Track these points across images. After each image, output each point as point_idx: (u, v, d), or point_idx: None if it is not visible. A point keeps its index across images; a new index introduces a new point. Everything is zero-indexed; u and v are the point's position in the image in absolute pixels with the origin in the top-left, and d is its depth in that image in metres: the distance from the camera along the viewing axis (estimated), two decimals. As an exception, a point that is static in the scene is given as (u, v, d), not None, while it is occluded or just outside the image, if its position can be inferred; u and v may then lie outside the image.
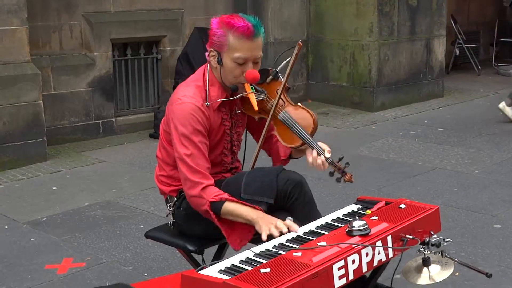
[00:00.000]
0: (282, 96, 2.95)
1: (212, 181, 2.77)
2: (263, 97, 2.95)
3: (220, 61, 2.81)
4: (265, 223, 2.58)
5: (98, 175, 5.96)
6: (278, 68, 3.02)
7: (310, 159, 2.86)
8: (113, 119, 7.43)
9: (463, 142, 6.94)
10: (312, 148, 2.85)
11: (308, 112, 2.95)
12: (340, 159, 2.87)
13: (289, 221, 2.56)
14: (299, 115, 2.93)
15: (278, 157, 3.11)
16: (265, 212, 2.72)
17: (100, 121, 7.33)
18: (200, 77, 2.89)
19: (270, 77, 3.00)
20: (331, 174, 2.88)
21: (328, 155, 2.84)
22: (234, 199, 2.72)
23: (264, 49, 9.74)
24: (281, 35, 8.75)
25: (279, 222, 2.55)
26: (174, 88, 6.67)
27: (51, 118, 6.84)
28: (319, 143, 2.88)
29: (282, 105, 2.95)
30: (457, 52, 11.52)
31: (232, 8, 8.13)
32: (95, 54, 7.20)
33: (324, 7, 8.92)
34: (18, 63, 6.14)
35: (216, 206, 2.71)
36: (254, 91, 2.87)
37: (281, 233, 2.51)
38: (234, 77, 2.82)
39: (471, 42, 11.65)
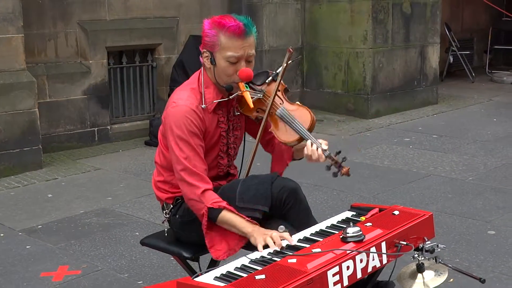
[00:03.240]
0: (280, 95, 2.97)
1: (210, 185, 2.79)
2: (259, 95, 2.96)
3: (213, 61, 2.83)
4: (261, 235, 2.59)
5: (94, 183, 5.96)
6: (278, 70, 3.04)
7: (306, 151, 2.85)
8: (109, 127, 7.44)
9: (457, 148, 6.97)
10: (310, 142, 2.86)
11: (306, 108, 2.98)
12: (337, 153, 2.87)
13: (284, 233, 2.56)
14: (296, 111, 2.95)
15: (281, 159, 3.10)
16: (260, 219, 2.74)
17: (96, 129, 7.34)
18: (195, 81, 2.91)
19: (270, 78, 3.03)
20: (328, 168, 2.87)
21: (325, 147, 2.85)
22: (232, 208, 2.73)
23: (259, 57, 9.73)
24: (276, 42, 8.78)
25: (274, 233, 2.56)
26: (169, 95, 6.68)
27: (47, 126, 6.84)
28: (318, 139, 2.89)
29: (280, 103, 2.97)
30: (451, 59, 11.56)
31: (227, 16, 8.14)
32: (90, 62, 7.21)
33: (318, 15, 8.96)
34: (14, 71, 6.15)
35: (214, 213, 2.72)
36: (248, 89, 2.88)
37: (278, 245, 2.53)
38: (228, 76, 2.83)
39: (465, 49, 11.70)
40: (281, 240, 2.51)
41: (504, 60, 12.56)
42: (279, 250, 2.45)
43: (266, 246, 2.52)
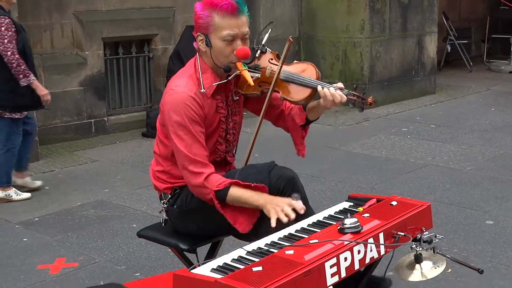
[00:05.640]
0: (275, 62, 2.94)
1: (213, 169, 2.77)
2: (258, 75, 2.93)
3: (208, 43, 2.80)
4: (273, 206, 2.61)
5: (91, 175, 5.94)
6: (263, 42, 3.02)
7: (326, 97, 2.79)
8: (105, 118, 7.42)
9: (455, 138, 6.96)
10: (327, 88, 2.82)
11: (305, 62, 2.97)
12: (355, 89, 2.86)
13: (293, 201, 2.60)
14: (298, 69, 2.93)
15: (296, 126, 3.05)
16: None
17: (92, 120, 7.32)
18: (191, 67, 2.88)
19: (258, 51, 3.00)
20: (353, 105, 2.86)
21: (342, 86, 2.84)
22: (238, 181, 2.72)
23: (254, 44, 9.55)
24: (273, 32, 8.66)
25: (286, 207, 2.59)
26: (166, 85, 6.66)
27: (43, 118, 6.82)
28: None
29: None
30: (449, 48, 11.55)
31: (223, 6, 8.11)
32: (86, 53, 7.18)
33: (315, 5, 8.92)
34: (9, 63, 6.11)
35: (221, 194, 2.72)
36: (246, 68, 2.85)
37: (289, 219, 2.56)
38: (225, 57, 2.80)
39: (462, 38, 11.68)
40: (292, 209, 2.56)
41: (502, 49, 12.52)
42: (276, 241, 2.44)
43: (279, 222, 2.56)
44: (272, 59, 2.96)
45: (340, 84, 2.85)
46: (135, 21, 7.55)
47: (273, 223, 2.56)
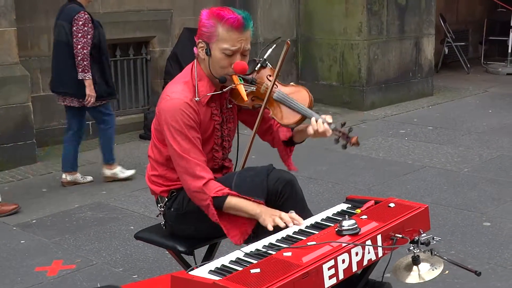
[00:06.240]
0: (272, 80, 2.94)
1: (211, 175, 2.78)
2: (253, 88, 2.94)
3: (208, 52, 2.81)
4: (269, 215, 2.62)
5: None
6: (265, 56, 3.02)
7: (311, 129, 2.82)
8: (103, 120, 7.39)
9: (452, 140, 6.97)
10: (315, 118, 2.83)
11: (301, 87, 2.97)
12: (343, 125, 2.85)
13: (293, 213, 2.61)
14: (293, 92, 2.94)
15: (280, 142, 3.08)
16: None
17: (90, 123, 7.28)
18: (188, 74, 2.89)
19: (259, 65, 3.00)
20: (337, 141, 2.85)
21: (330, 120, 2.83)
22: (236, 193, 2.73)
23: (254, 49, 9.64)
24: (271, 34, 8.75)
25: (283, 214, 2.60)
26: (163, 88, 6.67)
27: (41, 120, 6.81)
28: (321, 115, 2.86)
29: (275, 87, 2.95)
30: (446, 50, 11.57)
31: (221, 8, 8.11)
32: (84, 55, 7.15)
33: (313, 7, 8.93)
34: (7, 64, 6.12)
35: (219, 201, 2.72)
36: (242, 82, 2.86)
37: (286, 226, 2.56)
38: (222, 68, 2.81)
39: (460, 40, 11.70)
40: (291, 221, 2.56)
41: (499, 51, 12.55)
42: (274, 242, 2.44)
43: (276, 228, 2.55)
44: (270, 76, 2.96)
45: (329, 119, 2.85)
46: (132, 23, 7.55)
47: (270, 228, 2.56)
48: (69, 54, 5.38)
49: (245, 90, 2.85)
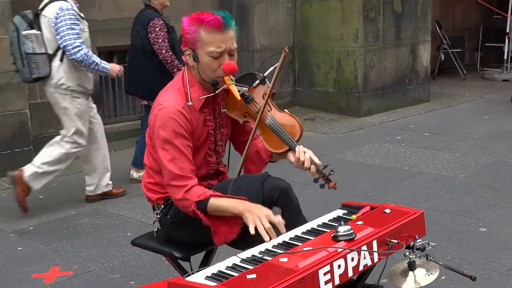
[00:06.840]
0: (268, 101, 2.96)
1: (195, 181, 2.78)
2: (245, 89, 2.96)
3: (196, 58, 2.82)
4: (252, 216, 2.60)
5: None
6: (266, 74, 3.03)
7: (293, 158, 2.89)
8: (100, 127, 7.40)
9: (449, 146, 6.99)
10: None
11: (295, 118, 2.98)
12: (325, 166, 2.90)
13: (276, 209, 2.62)
14: (285, 121, 2.95)
15: (259, 158, 3.10)
16: None
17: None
18: (179, 81, 2.90)
19: (257, 81, 3.02)
20: (316, 180, 2.91)
21: (316, 159, 2.88)
22: (219, 194, 2.73)
23: (251, 56, 9.64)
24: (267, 41, 8.78)
25: (263, 218, 2.57)
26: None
27: (38, 127, 6.81)
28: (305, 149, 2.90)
29: (268, 110, 2.97)
30: (443, 57, 11.59)
31: (218, 15, 8.13)
32: (81, 62, 7.16)
33: (309, 14, 8.96)
34: (4, 72, 6.12)
35: (202, 204, 2.72)
36: (234, 82, 2.87)
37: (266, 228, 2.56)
38: (212, 72, 2.83)
39: (456, 47, 11.74)
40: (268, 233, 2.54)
41: (495, 58, 12.59)
42: (270, 248, 2.45)
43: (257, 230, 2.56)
44: (265, 95, 2.97)
45: (315, 157, 2.90)
46: (129, 31, 7.54)
47: (252, 231, 2.55)
48: (143, 58, 5.74)
49: (238, 91, 2.86)
